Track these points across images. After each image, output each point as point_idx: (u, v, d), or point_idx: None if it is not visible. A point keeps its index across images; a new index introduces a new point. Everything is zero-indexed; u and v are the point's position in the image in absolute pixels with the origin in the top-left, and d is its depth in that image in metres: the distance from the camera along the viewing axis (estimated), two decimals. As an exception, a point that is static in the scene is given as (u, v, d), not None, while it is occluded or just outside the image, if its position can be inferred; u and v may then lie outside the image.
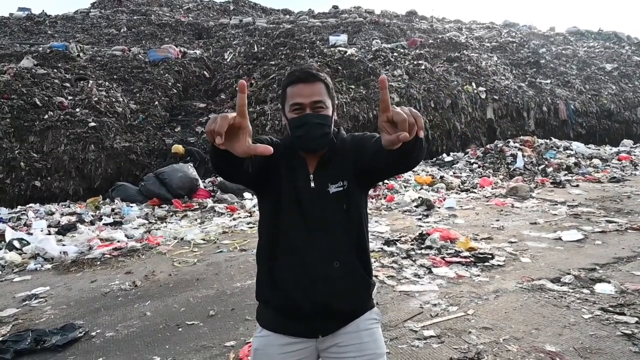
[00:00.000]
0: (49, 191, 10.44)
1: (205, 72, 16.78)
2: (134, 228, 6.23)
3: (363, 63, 14.93)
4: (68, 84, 13.27)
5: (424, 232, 5.11)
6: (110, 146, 11.30)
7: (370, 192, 8.26)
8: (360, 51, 16.82)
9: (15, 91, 11.75)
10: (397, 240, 5.01)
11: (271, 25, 23.67)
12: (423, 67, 15.80)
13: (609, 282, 3.55)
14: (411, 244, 4.87)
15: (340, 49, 16.30)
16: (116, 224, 6.49)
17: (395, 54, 16.98)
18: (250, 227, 6.11)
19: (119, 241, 5.49)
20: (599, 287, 3.46)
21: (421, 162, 12.85)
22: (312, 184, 1.49)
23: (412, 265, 4.22)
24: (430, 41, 19.88)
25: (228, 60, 17.58)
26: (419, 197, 7.40)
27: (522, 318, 3.02)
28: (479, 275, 3.88)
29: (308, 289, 1.44)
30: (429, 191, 8.43)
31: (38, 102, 11.71)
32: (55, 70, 13.97)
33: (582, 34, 26.14)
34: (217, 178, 9.99)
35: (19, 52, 16.56)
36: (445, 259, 4.28)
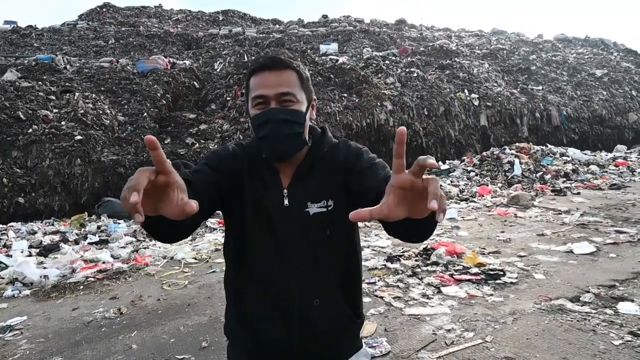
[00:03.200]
0: (34, 208, 10.04)
1: (195, 83, 16.51)
2: (121, 247, 5.88)
3: (355, 71, 14.76)
4: (53, 97, 12.91)
5: (428, 247, 4.85)
6: (98, 160, 10.94)
7: (368, 203, 8.00)
8: (351, 59, 16.68)
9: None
10: (400, 256, 4.74)
11: (261, 35, 23.51)
12: (415, 74, 15.69)
13: (633, 300, 3.32)
14: (416, 260, 4.60)
15: (332, 57, 16.15)
16: (102, 243, 6.14)
17: (387, 61, 16.87)
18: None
19: (104, 262, 5.15)
20: (623, 307, 3.22)
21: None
22: (286, 202, 1.21)
23: (419, 284, 3.95)
24: (421, 49, 19.83)
25: (218, 70, 17.34)
26: (419, 208, 7.15)
27: (546, 345, 2.75)
28: (492, 295, 3.61)
29: (281, 329, 1.19)
30: (428, 201, 8.18)
31: (22, 116, 11.33)
32: (40, 82, 13.60)
33: (570, 41, 26.35)
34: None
35: (3, 65, 16.17)
36: (454, 276, 4.02)
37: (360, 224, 6.39)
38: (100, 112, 12.73)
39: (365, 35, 23.36)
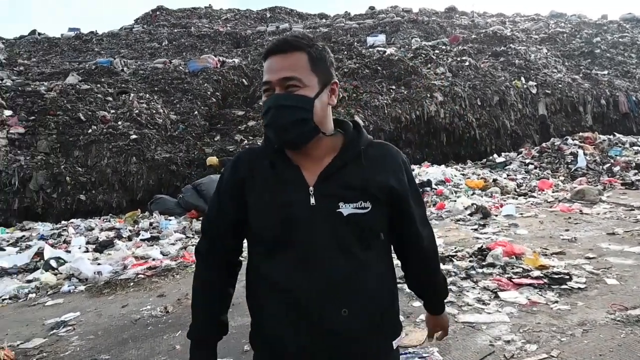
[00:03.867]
0: (94, 204, 10.54)
1: (243, 80, 16.74)
2: (171, 244, 5.99)
3: (403, 62, 14.33)
4: (110, 98, 13.50)
5: (484, 247, 4.52)
6: (152, 158, 11.31)
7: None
8: (399, 50, 16.23)
9: (60, 107, 12.01)
10: (453, 256, 4.45)
11: (307, 30, 23.48)
12: (467, 63, 15.01)
13: None
14: (470, 261, 4.30)
15: (379, 49, 15.78)
16: (153, 240, 6.29)
17: (436, 51, 16.27)
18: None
19: (154, 259, 5.25)
20: None
21: (470, 164, 12.12)
22: (312, 201, 1.11)
23: (473, 287, 3.67)
24: (473, 36, 18.98)
25: (266, 67, 17.47)
26: (473, 204, 6.77)
27: (623, 363, 2.44)
28: (557, 302, 3.28)
29: (305, 338, 1.11)
30: (482, 196, 7.76)
31: (82, 117, 11.91)
32: (98, 85, 14.26)
33: (639, 20, 24.25)
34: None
35: (67, 70, 17.12)
36: (513, 280, 3.70)
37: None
38: (154, 111, 13.16)
39: (414, 25, 22.71)
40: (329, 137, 1.17)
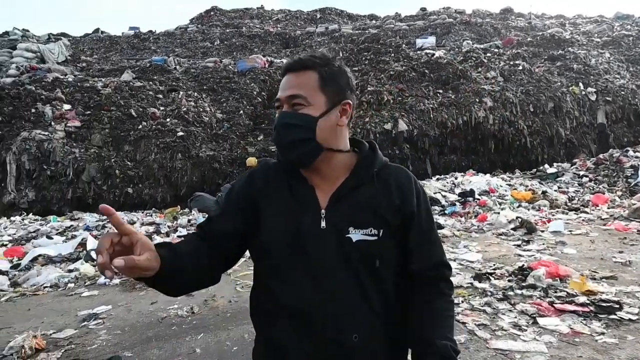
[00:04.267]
0: (140, 198, 10.93)
1: (289, 82, 16.84)
2: (206, 242, 6.06)
3: (452, 65, 13.89)
4: (161, 96, 13.97)
5: (525, 266, 4.24)
6: (196, 155, 11.59)
7: (459, 208, 7.39)
8: (449, 53, 15.77)
9: (114, 103, 12.56)
10: (491, 274, 4.20)
11: (357, 31, 23.36)
12: (520, 67, 14.35)
13: None
14: (509, 280, 4.04)
15: (428, 51, 15.39)
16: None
17: (488, 54, 15.68)
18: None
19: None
20: None
21: (519, 174, 11.55)
22: (323, 224, 1.10)
23: (510, 310, 3.43)
24: (529, 39, 18.14)
25: (313, 67, 17.50)
26: (517, 217, 6.40)
27: (676, 412, 2.16)
28: (603, 334, 2.99)
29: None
30: (528, 209, 7.34)
31: (133, 113, 12.40)
32: (151, 82, 14.81)
33: None
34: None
35: (124, 67, 17.91)
36: (555, 305, 3.42)
37: (448, 233, 5.91)
38: (201, 109, 13.49)
39: (466, 27, 22.05)
40: (343, 156, 1.16)
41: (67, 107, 12.23)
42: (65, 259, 5.61)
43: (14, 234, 7.28)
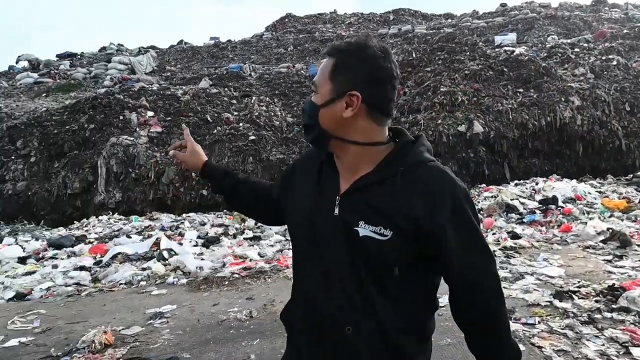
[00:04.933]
0: (213, 200, 11.35)
1: (360, 84, 16.77)
2: (270, 245, 6.12)
3: (534, 63, 12.94)
4: (235, 101, 14.52)
5: (617, 285, 3.74)
6: (266, 158, 11.85)
7: (539, 217, 6.80)
8: (531, 49, 14.75)
9: (192, 109, 13.24)
10: (574, 293, 3.75)
11: (431, 31, 22.72)
12: (615, 62, 13.03)
13: None
14: (596, 300, 3.58)
15: (507, 48, 14.50)
16: (255, 239, 6.50)
17: (576, 49, 14.43)
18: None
19: (250, 260, 5.39)
20: None
21: (611, 180, 10.44)
22: (336, 211, 1.09)
23: (597, 336, 3.01)
24: (625, 31, 16.45)
25: (384, 70, 17.28)
26: (609, 229, 5.72)
27: None
28: None
29: (315, 354, 1.14)
30: (622, 220, 6.55)
31: (209, 119, 12.99)
32: (226, 89, 15.46)
33: None
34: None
35: (203, 75, 18.91)
36: (653, 333, 2.96)
37: (526, 243, 5.43)
38: (272, 114, 13.82)
39: (552, 22, 20.55)
40: (363, 148, 1.10)
41: (150, 113, 13.09)
42: (141, 257, 5.92)
43: (101, 232, 7.88)
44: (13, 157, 11.97)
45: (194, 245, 6.24)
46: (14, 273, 5.58)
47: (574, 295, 3.70)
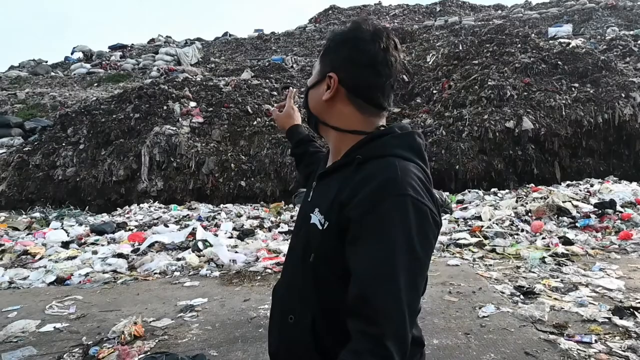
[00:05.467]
0: (252, 191, 11.41)
1: (404, 76, 16.34)
2: (305, 240, 6.00)
3: (592, 55, 12.11)
4: (275, 93, 14.48)
5: (686, 302, 3.34)
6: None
7: (594, 222, 6.30)
8: (588, 42, 13.82)
9: (233, 100, 13.31)
10: (636, 309, 3.39)
11: (479, 23, 21.86)
12: (684, 56, 11.97)
13: None
14: (661, 319, 3.20)
15: (562, 40, 13.66)
16: (290, 234, 6.39)
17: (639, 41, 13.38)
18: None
19: (284, 254, 5.28)
20: None
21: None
22: (310, 196, 1.11)
23: (664, 361, 2.69)
24: (699, 21, 15.12)
25: (430, 62, 16.75)
26: (674, 237, 5.22)
27: None
28: None
29: (270, 342, 1.15)
30: (690, 227, 5.96)
31: (249, 110, 13.01)
32: (267, 80, 15.45)
33: None
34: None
35: (245, 67, 19.04)
36: None
37: (579, 250, 5.02)
38: (312, 106, 13.70)
39: (612, 12, 19.26)
40: (342, 135, 1.05)
41: (192, 104, 13.27)
42: (177, 247, 5.95)
43: (141, 219, 8.03)
44: (64, 144, 12.46)
45: (229, 237, 6.21)
46: (57, 257, 5.73)
47: (636, 313, 3.34)
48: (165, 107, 12.88)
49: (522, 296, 3.80)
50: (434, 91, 13.41)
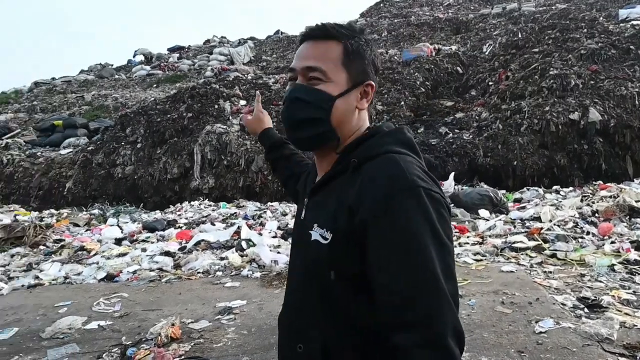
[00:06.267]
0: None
1: (458, 68, 15.76)
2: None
3: (673, 38, 10.96)
4: (324, 89, 14.38)
5: None
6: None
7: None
8: (668, 23, 12.53)
9: (281, 98, 13.32)
10: None
11: (540, 9, 20.58)
12: None
13: None
14: None
15: (635, 23, 12.49)
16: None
17: None
18: (477, 260, 4.81)
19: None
20: None
21: None
22: (303, 214, 1.04)
23: None
24: None
25: (486, 52, 15.97)
26: None
27: None
28: None
29: None
30: None
31: (298, 107, 12.99)
32: (315, 78, 15.38)
33: None
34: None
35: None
36: None
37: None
38: (362, 102, 13.46)
39: (697, -12, 17.31)
40: (336, 144, 1.02)
41: (242, 102, 13.45)
42: (222, 246, 5.96)
43: (191, 217, 8.19)
44: (123, 143, 13.05)
45: (273, 237, 6.15)
46: (109, 254, 5.93)
47: None
48: (216, 106, 13.15)
49: (586, 309, 3.41)
50: (490, 83, 12.75)
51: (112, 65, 30.02)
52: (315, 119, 0.97)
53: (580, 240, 5.22)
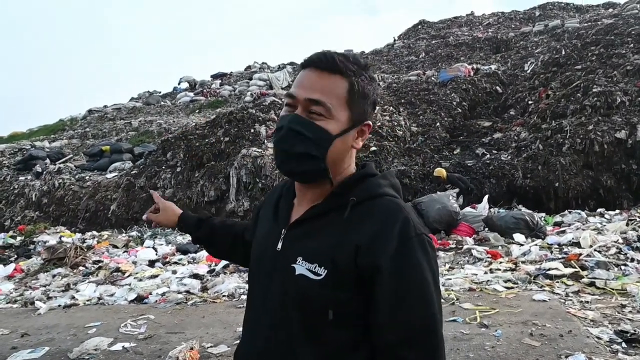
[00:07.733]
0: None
1: (497, 88, 15.44)
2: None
3: None
4: (359, 112, 14.43)
5: None
6: (387, 169, 11.43)
7: None
8: None
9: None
10: None
11: (585, 25, 19.88)
12: None
13: None
14: None
15: (687, 36, 11.85)
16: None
17: None
18: (508, 288, 4.58)
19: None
20: None
21: None
22: (279, 245, 0.99)
23: None
24: None
25: (528, 71, 15.55)
26: None
27: None
28: None
29: None
30: None
31: (332, 130, 13.09)
32: (351, 99, 15.48)
33: None
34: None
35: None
36: None
37: None
38: (395, 123, 13.36)
39: None
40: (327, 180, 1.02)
41: (278, 126, 13.71)
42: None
43: (224, 239, 8.33)
44: (164, 167, 13.56)
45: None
46: (142, 275, 6.11)
47: None
48: (252, 130, 13.45)
49: (624, 344, 3.16)
50: (530, 102, 12.38)
51: (159, 92, 31.50)
52: (312, 155, 0.94)
53: (622, 267, 4.87)
